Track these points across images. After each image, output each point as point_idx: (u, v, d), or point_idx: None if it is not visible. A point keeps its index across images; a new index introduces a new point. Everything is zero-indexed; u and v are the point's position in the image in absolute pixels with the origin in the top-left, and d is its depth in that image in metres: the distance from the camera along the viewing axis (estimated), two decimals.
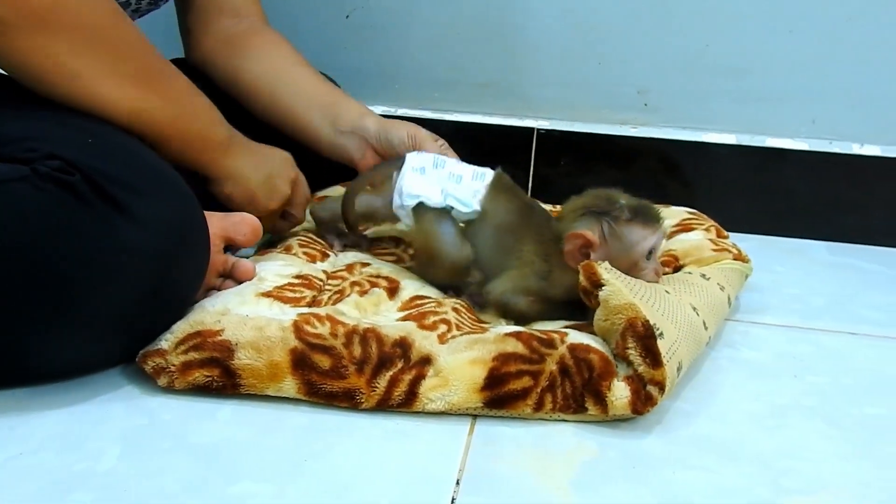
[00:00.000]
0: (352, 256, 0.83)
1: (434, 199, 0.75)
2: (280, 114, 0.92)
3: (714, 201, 1.14)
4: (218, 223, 0.70)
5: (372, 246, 0.89)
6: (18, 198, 0.52)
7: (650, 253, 0.71)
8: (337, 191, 1.03)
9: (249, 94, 0.92)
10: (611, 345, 0.63)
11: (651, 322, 0.60)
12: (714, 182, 1.15)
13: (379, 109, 1.20)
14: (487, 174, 0.77)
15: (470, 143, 1.18)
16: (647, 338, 0.60)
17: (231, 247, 0.73)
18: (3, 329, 0.55)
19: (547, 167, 1.19)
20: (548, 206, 0.84)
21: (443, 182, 0.75)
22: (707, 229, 0.94)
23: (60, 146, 0.56)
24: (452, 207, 0.75)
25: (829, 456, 0.59)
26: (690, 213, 1.02)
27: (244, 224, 0.71)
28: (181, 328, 0.62)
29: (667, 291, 0.70)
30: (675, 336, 0.63)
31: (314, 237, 0.87)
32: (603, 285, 0.63)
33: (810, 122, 1.13)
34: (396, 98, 1.21)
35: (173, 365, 0.60)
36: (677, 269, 0.84)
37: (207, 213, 0.69)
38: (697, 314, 0.70)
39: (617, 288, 0.63)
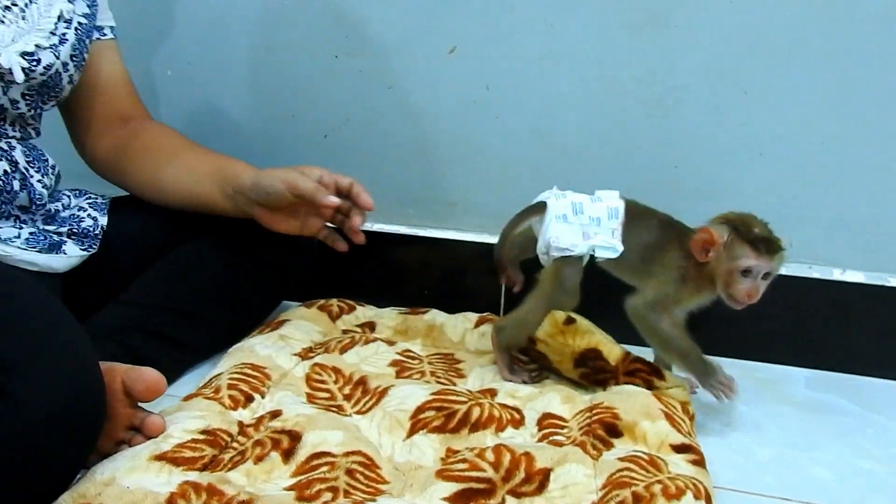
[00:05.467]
0: (276, 401, 0.85)
1: (578, 249, 0.88)
2: (184, 196, 0.99)
3: (690, 324, 1.11)
4: (119, 376, 0.73)
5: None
6: None
7: (748, 272, 0.85)
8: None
9: (152, 189, 1.01)
10: None
11: None
12: None
13: None
14: (620, 208, 0.90)
15: (443, 257, 1.21)
16: None
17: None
18: None
19: None
20: None
21: (584, 227, 0.88)
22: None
23: None
24: (594, 253, 0.88)
25: None
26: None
27: (140, 381, 0.73)
28: (65, 500, 0.65)
29: None
30: None
31: (250, 370, 0.90)
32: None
33: (788, 246, 1.09)
34: (372, 214, 1.22)
35: None
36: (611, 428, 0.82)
37: (111, 366, 0.72)
38: None
39: None
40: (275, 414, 0.81)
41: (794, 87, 1.04)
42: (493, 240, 1.18)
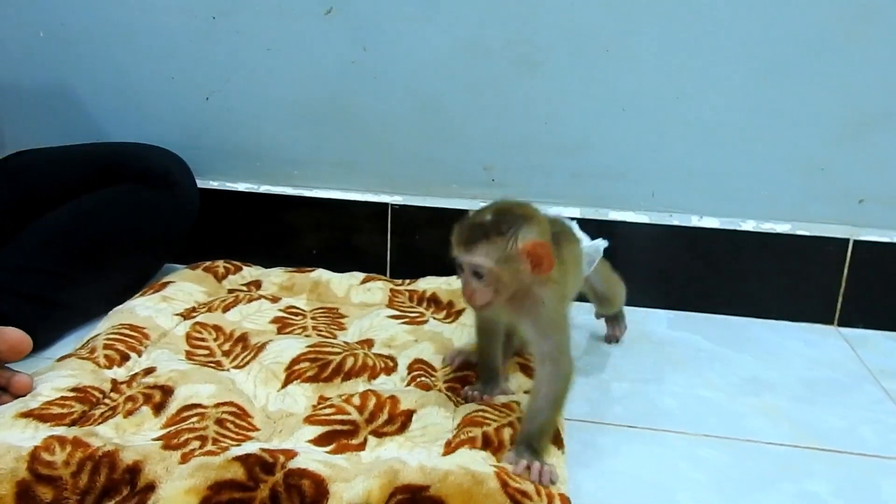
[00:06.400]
0: (152, 359, 0.88)
1: None
2: None
3: None
4: None
5: None
6: None
7: (458, 265, 0.73)
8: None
9: None
10: None
11: None
12: None
13: (242, 186, 1.25)
14: None
15: (330, 217, 1.23)
16: None
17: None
18: None
19: (402, 240, 1.23)
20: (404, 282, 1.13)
21: None
22: None
23: None
24: None
25: None
26: None
27: (1, 341, 0.75)
28: None
29: None
30: None
31: (128, 331, 0.92)
32: None
33: (650, 196, 1.16)
34: (258, 175, 1.25)
35: None
36: None
37: None
38: None
39: None
40: (149, 371, 0.84)
41: (652, 46, 1.10)
42: (379, 199, 1.23)
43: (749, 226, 1.15)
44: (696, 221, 1.16)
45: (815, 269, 1.14)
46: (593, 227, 1.16)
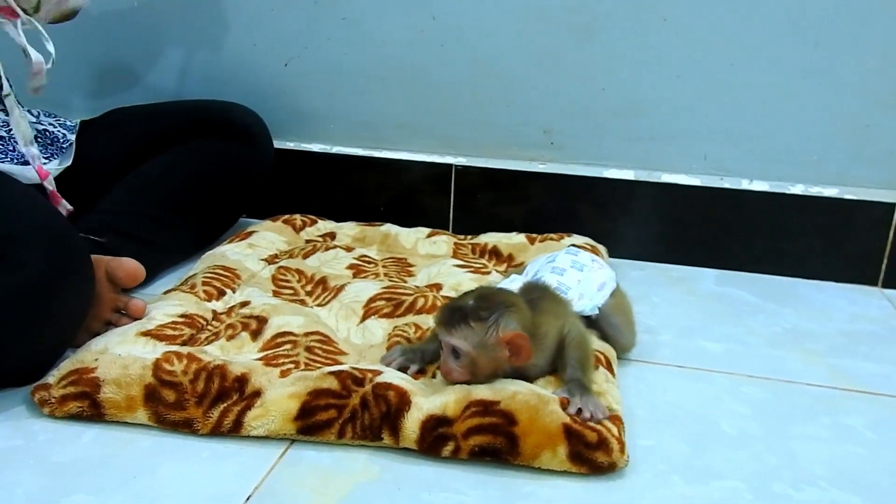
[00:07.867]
0: (246, 294, 0.98)
1: None
2: None
3: (614, 231, 1.25)
4: (104, 266, 0.86)
5: None
6: None
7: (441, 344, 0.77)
8: None
9: None
10: None
11: None
12: (614, 214, 1.25)
13: (315, 147, 1.35)
14: None
15: (397, 177, 1.32)
16: None
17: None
18: None
19: (465, 199, 1.31)
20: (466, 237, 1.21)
21: None
22: None
23: None
24: None
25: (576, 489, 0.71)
26: (588, 244, 1.15)
27: (121, 269, 0.87)
28: (65, 366, 0.77)
29: None
30: None
31: (222, 271, 1.02)
32: None
33: (702, 159, 1.22)
34: (330, 137, 1.34)
35: (54, 397, 0.75)
36: None
37: (95, 257, 0.84)
38: None
39: None
40: (244, 304, 0.94)
41: (707, 14, 1.15)
42: (443, 160, 1.31)
43: (797, 189, 1.20)
44: (745, 185, 1.21)
45: (861, 232, 1.19)
46: (646, 188, 1.24)
